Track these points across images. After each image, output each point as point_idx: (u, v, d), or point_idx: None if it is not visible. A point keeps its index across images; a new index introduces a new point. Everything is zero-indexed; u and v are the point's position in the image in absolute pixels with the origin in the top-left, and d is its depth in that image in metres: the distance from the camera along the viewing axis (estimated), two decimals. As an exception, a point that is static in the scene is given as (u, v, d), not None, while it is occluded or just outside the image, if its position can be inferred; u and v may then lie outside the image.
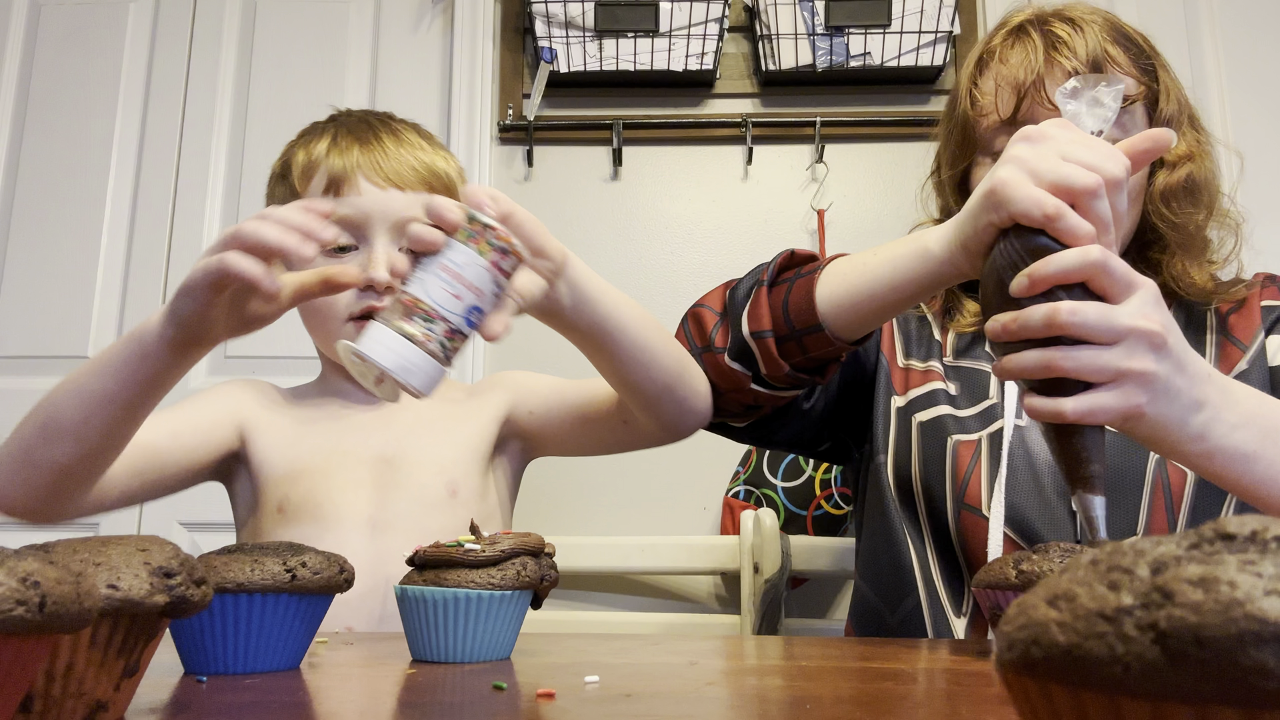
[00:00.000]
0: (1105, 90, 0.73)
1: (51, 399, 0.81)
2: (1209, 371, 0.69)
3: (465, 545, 0.63)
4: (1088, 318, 0.64)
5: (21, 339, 2.03)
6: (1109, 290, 0.66)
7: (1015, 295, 0.67)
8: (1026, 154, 0.69)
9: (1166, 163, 0.94)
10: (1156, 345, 0.65)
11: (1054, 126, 0.71)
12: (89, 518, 1.96)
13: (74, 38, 2.15)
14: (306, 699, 0.49)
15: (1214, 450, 0.68)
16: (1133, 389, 0.65)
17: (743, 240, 2.01)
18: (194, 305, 0.71)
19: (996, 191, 0.69)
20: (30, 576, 0.30)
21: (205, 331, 0.74)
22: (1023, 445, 0.91)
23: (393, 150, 1.00)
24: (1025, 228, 0.68)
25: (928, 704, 0.50)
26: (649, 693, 0.52)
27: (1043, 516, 0.88)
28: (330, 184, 0.99)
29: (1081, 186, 0.66)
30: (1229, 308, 0.97)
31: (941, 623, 0.90)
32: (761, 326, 0.87)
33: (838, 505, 1.76)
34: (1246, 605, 0.20)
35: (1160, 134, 0.71)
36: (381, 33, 2.14)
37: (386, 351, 0.65)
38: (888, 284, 0.80)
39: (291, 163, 1.03)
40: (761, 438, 1.00)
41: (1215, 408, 0.68)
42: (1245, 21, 2.01)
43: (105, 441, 0.80)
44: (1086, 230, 0.66)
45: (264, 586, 0.55)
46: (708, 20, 1.96)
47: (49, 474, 0.81)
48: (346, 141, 1.00)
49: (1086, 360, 0.64)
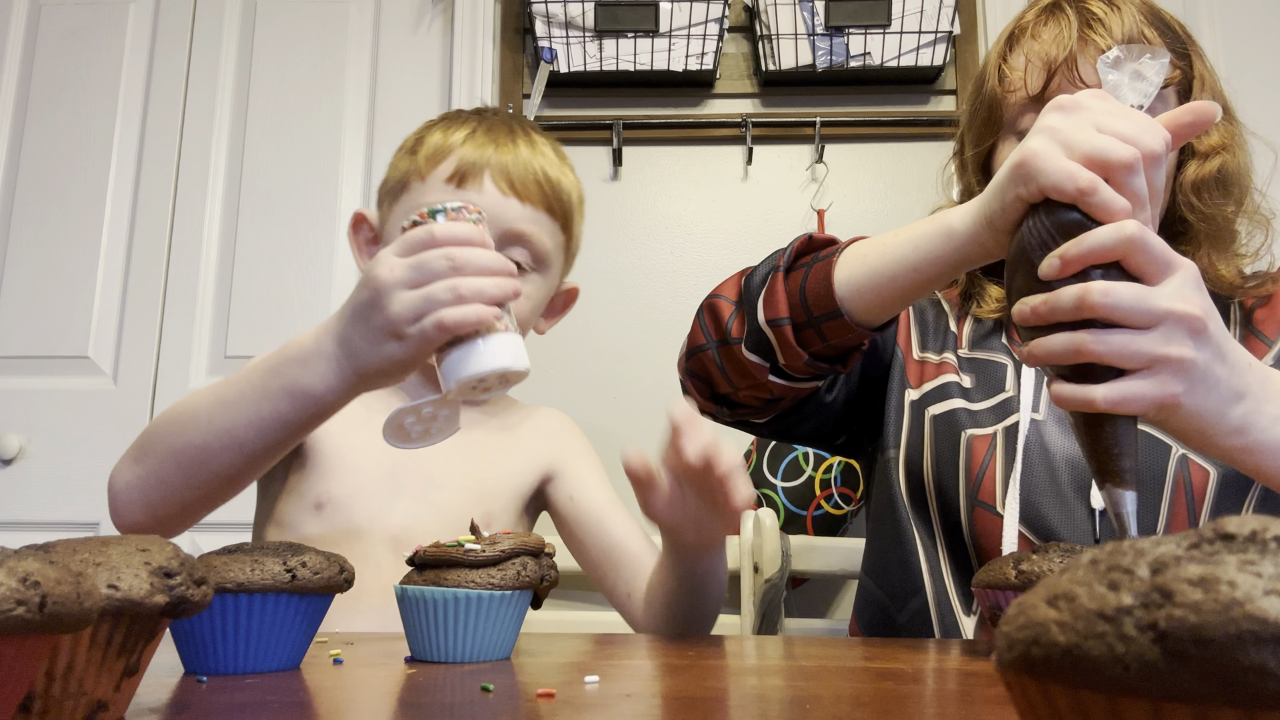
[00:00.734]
0: (1149, 63, 0.68)
1: (192, 442, 0.78)
2: (1250, 360, 0.65)
3: (465, 545, 0.63)
4: (1122, 299, 0.60)
5: (21, 339, 2.03)
6: (1146, 270, 0.61)
7: (1045, 277, 0.62)
8: (1060, 124, 0.65)
9: (1199, 153, 0.92)
10: (1196, 331, 0.61)
11: (1090, 96, 0.67)
12: (92, 517, 1.94)
13: (74, 38, 2.15)
14: (306, 699, 0.49)
15: (1255, 444, 0.64)
16: (1169, 377, 0.60)
17: (743, 240, 2.01)
18: (401, 366, 0.72)
19: (1027, 163, 0.64)
20: (30, 576, 0.30)
21: (402, 377, 0.74)
22: (1039, 440, 0.88)
23: (525, 159, 0.99)
24: (1056, 203, 0.63)
25: (928, 704, 0.50)
26: (649, 693, 0.52)
27: (1060, 515, 0.85)
28: (456, 173, 0.97)
29: (1118, 160, 0.62)
30: (1253, 302, 0.95)
31: (950, 622, 0.89)
32: (778, 314, 0.83)
33: (838, 505, 1.76)
34: (1246, 605, 0.20)
35: (1205, 107, 0.67)
36: (381, 33, 2.14)
37: (502, 355, 0.71)
38: (909, 265, 0.76)
39: (425, 141, 1.01)
40: (782, 432, 0.97)
41: (1256, 399, 0.64)
42: (1245, 22, 2.01)
43: (248, 479, 0.81)
44: (1122, 206, 0.62)
45: (264, 586, 0.55)
46: (708, 20, 1.96)
47: (183, 507, 0.81)
48: (484, 138, 0.99)
49: (1120, 345, 0.60)
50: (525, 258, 0.98)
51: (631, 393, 1.94)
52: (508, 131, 1.01)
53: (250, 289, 2.04)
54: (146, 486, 0.80)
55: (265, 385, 0.75)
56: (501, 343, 0.71)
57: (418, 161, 0.99)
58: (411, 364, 0.72)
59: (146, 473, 0.80)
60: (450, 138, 0.99)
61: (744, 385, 0.88)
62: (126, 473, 0.82)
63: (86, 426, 1.98)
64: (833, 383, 0.94)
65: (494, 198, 0.96)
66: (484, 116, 1.04)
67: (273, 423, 0.75)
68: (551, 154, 1.03)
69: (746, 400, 0.91)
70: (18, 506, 1.96)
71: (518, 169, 0.98)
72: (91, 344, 2.03)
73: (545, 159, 1.01)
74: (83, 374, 2.02)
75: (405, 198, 0.99)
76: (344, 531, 0.92)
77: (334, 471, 0.95)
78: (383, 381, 0.74)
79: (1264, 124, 1.03)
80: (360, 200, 2.08)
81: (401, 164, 1.02)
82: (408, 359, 0.72)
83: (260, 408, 0.75)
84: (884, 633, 0.96)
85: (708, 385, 0.92)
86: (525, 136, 1.02)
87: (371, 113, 2.11)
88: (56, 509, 1.95)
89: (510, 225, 0.96)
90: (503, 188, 0.97)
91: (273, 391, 0.75)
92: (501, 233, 0.96)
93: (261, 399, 0.75)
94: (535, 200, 0.98)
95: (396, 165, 1.03)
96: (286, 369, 0.75)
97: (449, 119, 1.04)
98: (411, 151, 1.02)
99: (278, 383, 0.75)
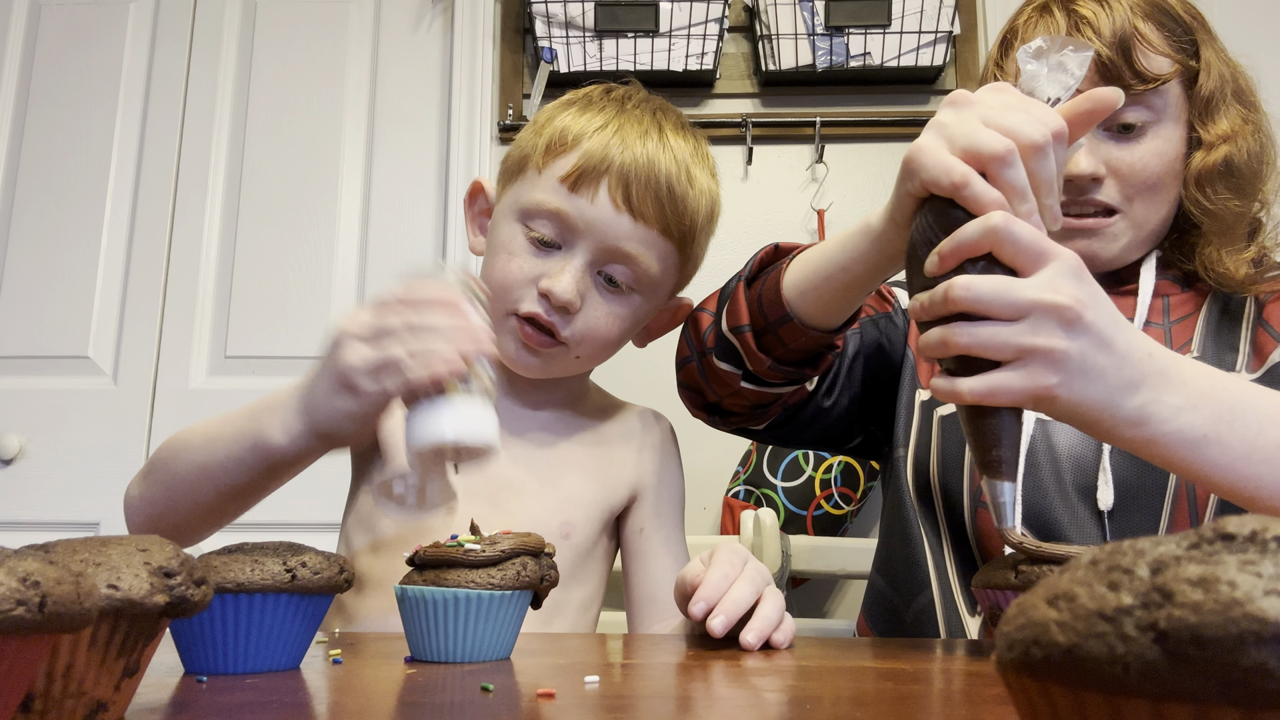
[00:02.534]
0: (1071, 55, 0.67)
1: (178, 472, 0.80)
2: (1150, 349, 0.64)
3: (465, 545, 0.63)
4: (982, 292, 0.60)
5: (21, 339, 2.03)
6: (1017, 261, 0.61)
7: (928, 273, 0.63)
8: (948, 119, 0.65)
9: (1204, 143, 0.89)
10: (1068, 321, 0.60)
11: (986, 90, 0.67)
12: (92, 517, 1.95)
13: (74, 37, 2.15)
14: (306, 699, 0.49)
15: (1156, 435, 0.63)
16: (1039, 368, 0.60)
17: (743, 240, 2.01)
18: (354, 421, 0.71)
19: (910, 159, 0.65)
20: (30, 576, 0.30)
21: (357, 437, 0.73)
22: (1045, 441, 0.88)
23: (652, 166, 0.90)
24: (940, 199, 0.64)
25: (928, 704, 0.50)
26: (648, 693, 0.52)
27: (1065, 514, 0.85)
28: (574, 173, 0.89)
29: (990, 152, 0.62)
30: (1266, 296, 0.92)
31: (954, 621, 0.89)
32: (740, 321, 0.84)
33: (838, 505, 1.76)
34: (1246, 605, 0.20)
35: (1103, 94, 0.66)
36: (381, 33, 2.14)
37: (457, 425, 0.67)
38: (840, 265, 0.77)
39: (554, 121, 0.93)
40: (785, 438, 0.97)
41: (1155, 389, 0.62)
42: (1246, 20, 2.01)
43: (231, 513, 0.81)
44: (994, 198, 0.62)
45: (264, 586, 0.55)
46: (708, 20, 1.96)
47: (176, 529, 0.82)
48: (619, 139, 0.90)
49: (985, 336, 0.60)
50: (626, 277, 0.92)
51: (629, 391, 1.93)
52: (642, 131, 0.91)
53: (250, 289, 2.04)
54: (146, 505, 0.83)
55: (241, 429, 0.76)
56: (460, 410, 0.68)
57: (539, 146, 0.92)
58: (364, 420, 0.72)
59: (146, 495, 0.83)
60: (580, 124, 0.91)
61: (725, 394, 0.90)
62: (134, 489, 0.85)
63: (86, 426, 1.98)
64: (831, 388, 0.94)
65: (605, 211, 0.89)
66: (628, 109, 0.94)
67: (239, 466, 0.76)
68: (687, 160, 0.93)
69: (731, 408, 0.92)
70: (18, 506, 1.96)
71: (639, 179, 0.89)
72: (91, 344, 2.03)
73: (676, 167, 0.91)
74: (83, 374, 2.02)
75: (520, 185, 0.93)
76: (415, 530, 0.90)
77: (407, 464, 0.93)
78: (339, 439, 0.74)
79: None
80: (360, 200, 2.08)
81: (526, 141, 0.95)
82: (360, 413, 0.71)
83: (231, 450, 0.76)
84: (892, 629, 0.95)
85: (699, 395, 0.94)
86: (660, 137, 0.92)
87: (371, 113, 2.11)
88: (56, 509, 1.95)
89: (616, 243, 0.89)
90: (617, 201, 0.89)
91: (242, 436, 0.76)
92: (604, 249, 0.90)
93: (233, 441, 0.76)
94: (650, 219, 0.90)
95: (521, 141, 0.96)
96: (259, 415, 0.75)
97: (588, 98, 0.96)
98: (539, 130, 0.94)
99: (249, 428, 0.76)
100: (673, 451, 1.04)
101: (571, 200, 0.89)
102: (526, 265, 0.90)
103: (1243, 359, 0.88)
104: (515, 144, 0.97)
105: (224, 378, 2.01)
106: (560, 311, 0.90)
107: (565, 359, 0.93)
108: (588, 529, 0.95)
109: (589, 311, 0.91)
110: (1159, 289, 0.93)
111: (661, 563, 0.97)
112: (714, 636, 0.68)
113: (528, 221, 0.91)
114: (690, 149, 0.94)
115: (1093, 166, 0.87)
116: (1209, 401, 0.63)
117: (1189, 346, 0.90)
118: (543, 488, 0.94)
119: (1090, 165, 0.87)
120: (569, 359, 0.93)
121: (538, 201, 0.90)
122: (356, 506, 0.96)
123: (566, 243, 0.90)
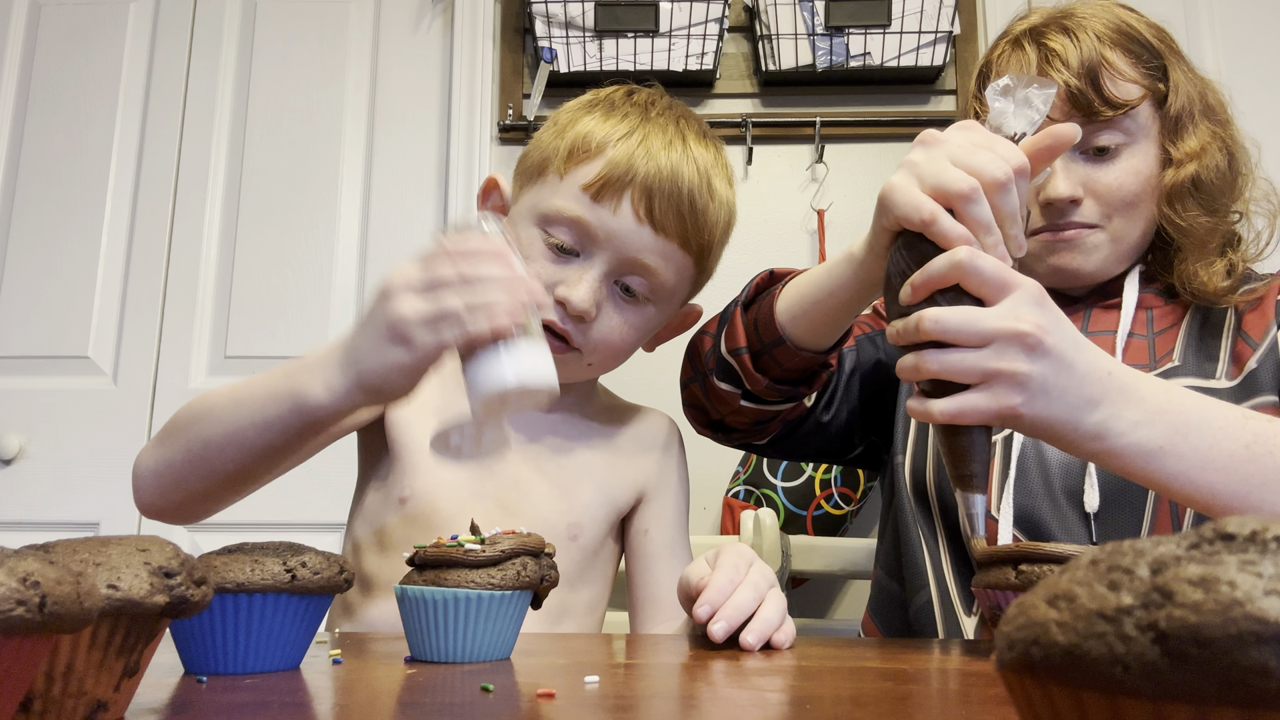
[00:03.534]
0: (1036, 92, 0.72)
1: (202, 434, 0.79)
2: (1110, 368, 0.68)
3: (465, 545, 0.63)
4: (950, 323, 0.65)
5: (21, 339, 2.03)
6: (982, 292, 0.66)
7: (902, 303, 0.69)
8: (919, 158, 0.70)
9: (1174, 161, 0.91)
10: (1030, 346, 0.65)
11: (955, 129, 0.72)
12: (92, 517, 1.95)
13: (74, 38, 2.15)
14: (306, 699, 0.49)
15: (1115, 448, 0.68)
16: (1004, 390, 0.65)
17: (743, 240, 2.01)
18: (404, 374, 0.71)
19: (884, 196, 0.70)
20: (30, 576, 0.30)
21: (405, 390, 0.73)
22: (1035, 447, 0.90)
23: (676, 177, 0.90)
24: (913, 233, 0.69)
25: (928, 704, 0.50)
26: (649, 693, 0.52)
27: (1054, 518, 0.87)
28: (597, 182, 0.89)
29: (956, 191, 0.67)
30: (1244, 306, 0.94)
31: (951, 621, 0.90)
32: (737, 344, 0.88)
33: (838, 505, 1.76)
34: (1246, 605, 0.20)
35: (1061, 130, 0.71)
36: (381, 33, 2.14)
37: (521, 369, 0.70)
38: (826, 290, 0.81)
39: (576, 124, 0.93)
40: (787, 451, 1.01)
41: (1114, 405, 0.67)
42: (1246, 21, 2.00)
43: (254, 481, 0.81)
44: (960, 234, 0.67)
45: (264, 586, 0.55)
46: (708, 20, 1.96)
47: (192, 496, 0.81)
48: (644, 149, 0.90)
49: (952, 362, 0.65)
50: (643, 288, 0.92)
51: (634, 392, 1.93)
52: (666, 141, 0.91)
53: (250, 289, 2.04)
54: (161, 472, 0.81)
55: (274, 388, 0.75)
56: (520, 356, 0.70)
57: (560, 150, 0.91)
58: (415, 373, 0.71)
59: (163, 458, 0.81)
60: (604, 131, 0.91)
61: (727, 411, 0.93)
62: (148, 455, 0.83)
63: (86, 426, 1.98)
64: (829, 403, 0.97)
65: (627, 223, 0.89)
66: (648, 113, 0.94)
67: (274, 425, 0.75)
68: (709, 171, 0.93)
69: (734, 424, 0.95)
70: (18, 506, 1.96)
71: (662, 191, 0.89)
72: (91, 344, 2.03)
73: (699, 179, 0.91)
74: (83, 374, 2.02)
75: (540, 188, 0.93)
76: (423, 528, 0.90)
77: (419, 466, 0.92)
78: (384, 393, 0.73)
79: (1265, 122, 1.02)
80: (360, 200, 2.08)
81: (546, 143, 0.94)
82: (411, 366, 0.71)
83: (265, 409, 0.75)
84: (897, 626, 0.98)
85: (703, 413, 0.97)
86: (684, 148, 0.92)
87: (371, 113, 2.11)
88: (56, 509, 1.95)
89: (635, 254, 0.90)
90: (640, 213, 0.89)
91: (278, 395, 0.75)
92: (624, 260, 0.90)
93: (267, 401, 0.75)
94: (670, 233, 0.90)
95: (541, 142, 0.95)
96: (295, 374, 0.75)
97: (611, 102, 0.96)
98: (560, 132, 0.94)
99: (285, 386, 0.75)
100: (678, 453, 1.04)
101: (593, 210, 0.89)
102: (543, 271, 0.90)
103: (1222, 368, 0.91)
104: (534, 144, 0.96)
105: (224, 378, 2.00)
106: (575, 320, 0.90)
107: (577, 365, 0.94)
108: (595, 531, 0.95)
109: (604, 321, 0.92)
110: (1143, 301, 0.96)
111: (665, 564, 0.98)
112: (715, 641, 0.69)
113: (547, 227, 0.91)
114: (711, 158, 0.95)
115: (1070, 189, 0.91)
116: (1165, 415, 0.68)
117: (1170, 356, 0.92)
118: (551, 489, 0.95)
119: (1068, 189, 0.91)
120: (581, 366, 0.94)
121: (558, 208, 0.90)
122: (363, 507, 0.96)
123: (585, 251, 0.91)
